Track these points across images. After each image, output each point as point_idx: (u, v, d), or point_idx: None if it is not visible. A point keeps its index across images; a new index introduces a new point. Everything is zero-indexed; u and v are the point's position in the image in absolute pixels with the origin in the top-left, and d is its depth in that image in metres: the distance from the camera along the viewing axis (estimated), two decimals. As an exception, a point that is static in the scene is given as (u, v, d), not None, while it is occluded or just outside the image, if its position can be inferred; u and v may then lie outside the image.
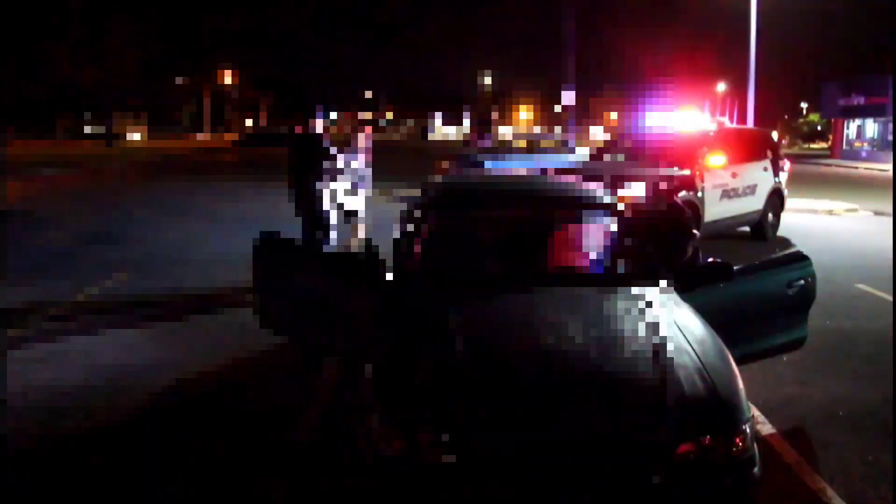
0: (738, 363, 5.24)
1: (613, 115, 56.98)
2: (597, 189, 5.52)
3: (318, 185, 8.38)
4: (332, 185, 8.61)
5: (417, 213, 5.23)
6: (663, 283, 4.55)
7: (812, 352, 5.99)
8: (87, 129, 62.66)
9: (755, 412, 5.31)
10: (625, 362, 3.62)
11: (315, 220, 8.56)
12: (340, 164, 8.74)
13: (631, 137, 13.64)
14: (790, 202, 14.74)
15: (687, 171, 10.76)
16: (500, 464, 3.18)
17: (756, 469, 3.34)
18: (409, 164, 23.05)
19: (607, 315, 4.11)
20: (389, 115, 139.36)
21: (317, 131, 8.80)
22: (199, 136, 77.87)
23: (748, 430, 3.35)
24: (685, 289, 4.63)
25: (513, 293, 4.36)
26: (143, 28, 54.92)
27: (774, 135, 14.84)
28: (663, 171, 10.65)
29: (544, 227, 5.18)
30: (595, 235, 5.11)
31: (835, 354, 6.65)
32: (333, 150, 8.75)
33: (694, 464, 3.22)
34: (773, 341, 5.29)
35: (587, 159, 12.52)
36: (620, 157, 12.64)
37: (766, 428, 5.08)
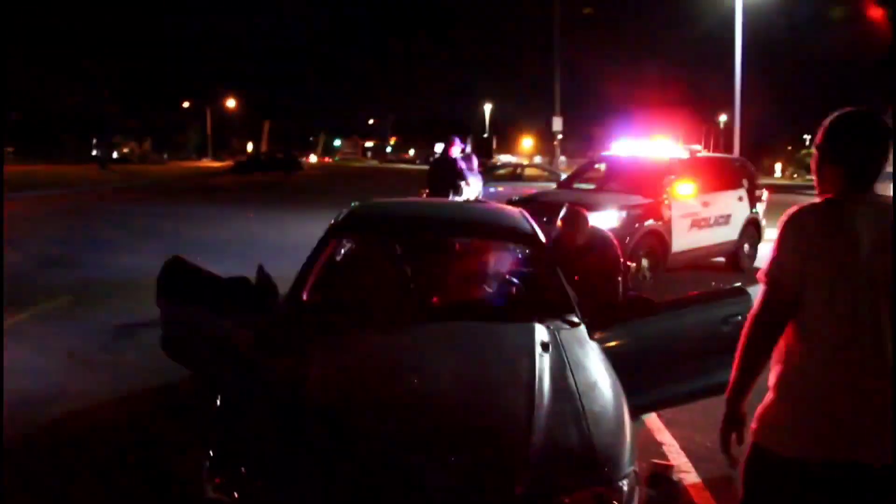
0: (663, 406, 4.90)
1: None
2: (519, 219, 5.16)
3: (452, 195, 9.98)
4: (459, 197, 10.29)
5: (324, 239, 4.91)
6: (573, 318, 4.18)
7: (753, 392, 5.55)
8: (95, 153, 62.44)
9: (683, 459, 4.92)
10: (492, 409, 3.26)
11: None
12: (466, 182, 10.52)
13: (603, 165, 13.36)
14: (770, 233, 14.32)
15: (650, 200, 10.41)
16: None
17: (632, 531, 2.95)
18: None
19: (489, 356, 3.75)
20: (393, 142, 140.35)
21: (452, 155, 10.66)
22: (205, 161, 78.18)
23: (625, 487, 2.95)
24: (601, 326, 4.27)
25: (396, 327, 4.01)
26: (147, 50, 55.14)
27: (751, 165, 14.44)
28: (625, 201, 10.36)
29: (449, 257, 4.84)
30: (502, 267, 4.75)
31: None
32: (463, 168, 10.58)
33: None
34: (703, 381, 4.86)
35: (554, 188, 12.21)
36: (589, 186, 12.35)
37: (690, 476, 4.67)
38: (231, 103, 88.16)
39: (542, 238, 4.92)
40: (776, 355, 2.50)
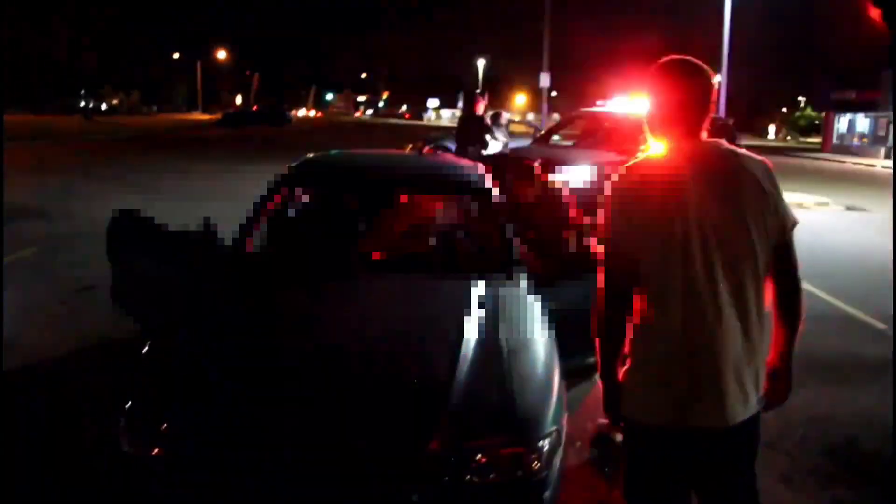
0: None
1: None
2: (473, 173, 5.07)
3: (471, 150, 10.00)
4: (485, 151, 10.28)
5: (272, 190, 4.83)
6: (517, 274, 4.10)
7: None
8: (81, 104, 61.71)
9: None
10: (416, 365, 3.20)
11: None
12: (492, 136, 10.68)
13: (583, 121, 13.23)
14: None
15: (623, 157, 10.30)
16: (250, 477, 2.76)
17: (548, 493, 2.90)
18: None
19: (422, 311, 3.69)
20: (385, 97, 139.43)
21: (478, 112, 10.74)
22: (195, 114, 77.61)
23: (545, 448, 2.89)
24: (547, 282, 4.20)
25: (334, 281, 3.94)
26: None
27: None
28: (598, 157, 10.24)
29: (400, 209, 4.76)
30: (452, 221, 4.68)
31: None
32: (489, 123, 10.82)
33: (468, 482, 2.79)
34: None
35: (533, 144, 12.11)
36: (566, 142, 12.23)
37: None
38: (222, 55, 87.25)
39: (496, 193, 4.83)
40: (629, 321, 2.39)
